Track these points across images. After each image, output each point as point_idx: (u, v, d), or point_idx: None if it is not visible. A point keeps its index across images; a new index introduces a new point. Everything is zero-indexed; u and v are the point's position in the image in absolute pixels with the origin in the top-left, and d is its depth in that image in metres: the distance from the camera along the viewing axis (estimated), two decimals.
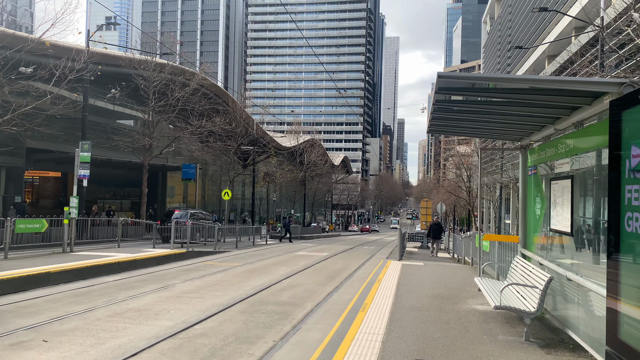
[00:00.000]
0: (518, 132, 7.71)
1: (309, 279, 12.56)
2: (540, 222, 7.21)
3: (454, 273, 13.83)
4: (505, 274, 9.96)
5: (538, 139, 7.29)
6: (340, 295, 9.98)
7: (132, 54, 28.27)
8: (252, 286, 11.02)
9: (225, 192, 28.08)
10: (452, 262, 19.44)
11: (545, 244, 7.09)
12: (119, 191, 43.38)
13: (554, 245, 6.66)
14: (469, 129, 8.30)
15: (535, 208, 7.45)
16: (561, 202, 6.12)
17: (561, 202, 6.12)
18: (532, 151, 7.74)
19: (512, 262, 8.03)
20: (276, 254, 20.25)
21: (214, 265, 15.23)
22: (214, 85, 33.48)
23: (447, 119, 7.30)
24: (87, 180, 17.65)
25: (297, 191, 62.21)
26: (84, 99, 23.27)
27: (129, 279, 11.78)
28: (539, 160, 7.27)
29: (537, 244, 7.52)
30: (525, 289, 6.46)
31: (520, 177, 8.22)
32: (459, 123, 7.50)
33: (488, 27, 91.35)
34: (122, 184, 42.11)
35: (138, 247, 18.87)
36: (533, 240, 7.76)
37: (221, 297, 9.60)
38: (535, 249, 7.53)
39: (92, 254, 14.75)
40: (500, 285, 7.54)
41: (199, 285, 10.98)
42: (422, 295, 9.36)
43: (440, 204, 36.66)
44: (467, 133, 9.88)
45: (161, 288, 10.50)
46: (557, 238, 6.47)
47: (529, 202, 7.96)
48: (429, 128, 7.95)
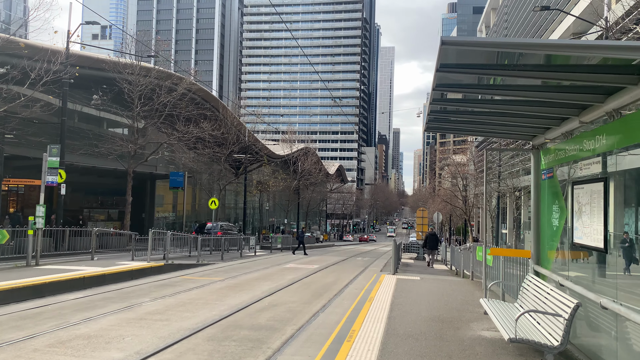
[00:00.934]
0: (531, 129, 6.63)
1: (294, 296, 11.38)
2: (559, 234, 6.10)
3: (454, 289, 12.68)
4: (514, 294, 8.82)
5: (556, 136, 6.19)
6: (327, 316, 8.81)
7: (117, 58, 27.17)
8: (228, 305, 9.83)
9: (212, 200, 26.89)
10: (450, 275, 18.28)
11: (565, 261, 5.97)
12: (106, 200, 42.13)
13: (579, 263, 5.54)
14: (471, 126, 7.20)
15: (551, 218, 6.35)
16: (589, 211, 5.01)
17: (589, 211, 5.01)
18: (546, 152, 6.66)
19: (523, 281, 6.90)
20: (263, 266, 19.03)
21: (192, 279, 14.01)
22: (202, 90, 32.40)
23: (447, 112, 6.22)
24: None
25: (291, 200, 61.06)
26: (63, 103, 22.12)
27: (92, 296, 10.56)
28: (556, 161, 6.18)
29: (554, 260, 6.40)
30: (545, 316, 5.33)
31: (532, 183, 7.12)
32: (460, 116, 6.42)
33: (484, 36, 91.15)
34: (109, 192, 40.84)
35: (115, 259, 17.63)
36: (548, 255, 6.65)
37: (190, 320, 8.41)
38: (552, 266, 6.42)
39: (59, 268, 13.50)
40: (511, 309, 6.40)
41: (169, 305, 9.78)
42: (419, 319, 8.19)
43: (437, 214, 35.61)
44: (469, 130, 8.77)
45: (125, 308, 9.30)
46: (583, 254, 5.36)
47: (542, 211, 6.86)
48: (426, 125, 6.87)
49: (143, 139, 27.09)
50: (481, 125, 6.92)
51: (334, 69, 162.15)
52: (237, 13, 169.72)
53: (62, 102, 22.12)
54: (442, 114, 6.22)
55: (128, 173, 26.73)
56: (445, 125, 7.24)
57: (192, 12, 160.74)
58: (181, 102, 27.40)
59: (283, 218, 66.19)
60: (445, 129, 7.93)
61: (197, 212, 48.45)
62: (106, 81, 26.91)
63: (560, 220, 6.03)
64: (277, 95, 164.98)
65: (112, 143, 26.49)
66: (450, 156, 79.11)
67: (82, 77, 27.05)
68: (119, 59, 26.63)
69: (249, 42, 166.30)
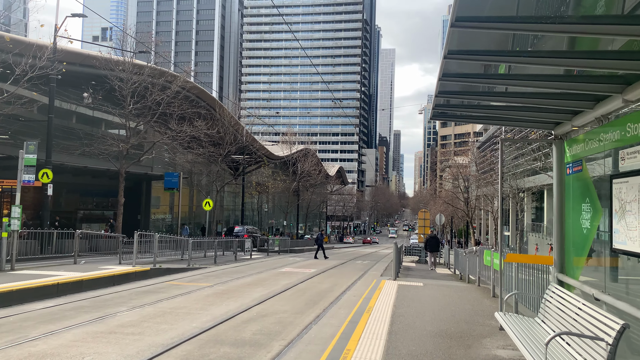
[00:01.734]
0: (554, 115, 5.68)
1: (286, 304, 10.44)
2: (590, 238, 5.17)
3: (460, 297, 11.72)
4: (528, 303, 7.86)
5: (587, 122, 5.25)
6: (320, 329, 7.87)
7: (109, 54, 26.26)
8: (212, 316, 8.90)
9: (206, 201, 25.94)
10: (454, 279, 17.31)
11: (601, 270, 5.04)
12: (101, 201, 41.32)
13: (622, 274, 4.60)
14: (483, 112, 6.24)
15: (580, 219, 5.41)
16: (636, 210, 4.08)
17: (636, 210, 4.08)
18: (573, 142, 5.72)
19: (545, 292, 5.95)
20: (257, 270, 18.08)
21: (179, 285, 13.07)
22: (197, 88, 31.48)
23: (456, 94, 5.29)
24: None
25: (291, 202, 60.10)
26: (50, 100, 21.21)
27: (64, 305, 9.63)
28: (587, 151, 5.25)
29: (583, 268, 5.46)
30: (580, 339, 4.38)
31: (555, 179, 6.18)
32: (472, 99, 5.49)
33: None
34: (104, 193, 40.01)
35: (101, 263, 16.67)
36: (575, 263, 5.71)
37: (166, 333, 7.48)
38: (582, 275, 5.47)
39: (35, 273, 12.57)
40: (532, 326, 5.46)
41: (146, 315, 8.85)
42: (424, 334, 7.23)
43: (439, 215, 34.65)
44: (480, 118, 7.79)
45: (97, 319, 8.36)
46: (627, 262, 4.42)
47: (567, 211, 5.92)
48: (433, 112, 5.93)
49: (135, 138, 26.16)
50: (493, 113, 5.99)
51: (334, 70, 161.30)
52: (237, 14, 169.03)
53: (50, 99, 21.21)
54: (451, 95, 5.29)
55: (120, 173, 25.78)
56: (454, 111, 6.29)
57: (192, 14, 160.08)
58: (175, 100, 26.50)
59: (282, 220, 65.25)
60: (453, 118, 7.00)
61: (195, 213, 47.54)
62: (97, 79, 26.03)
63: (592, 222, 5.09)
64: (277, 97, 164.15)
65: (103, 142, 25.59)
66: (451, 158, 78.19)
67: (73, 75, 26.19)
68: (111, 55, 25.73)
69: (249, 43, 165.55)
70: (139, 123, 27.03)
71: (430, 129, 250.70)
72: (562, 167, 6.07)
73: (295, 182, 55.92)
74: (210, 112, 32.85)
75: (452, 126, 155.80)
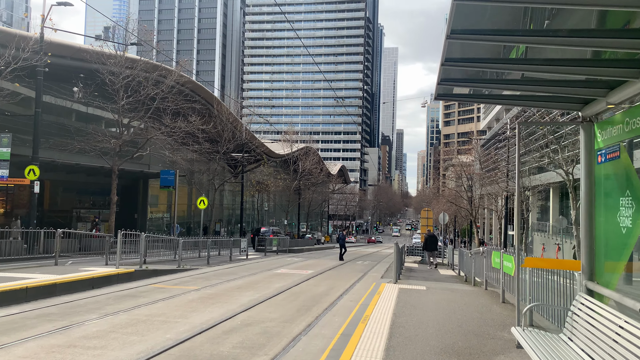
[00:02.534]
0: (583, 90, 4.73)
1: (276, 311, 9.51)
2: (633, 239, 4.22)
3: (467, 302, 10.76)
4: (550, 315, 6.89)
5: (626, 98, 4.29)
6: (310, 341, 6.94)
7: (101, 47, 25.37)
8: (191, 325, 7.98)
9: (200, 200, 25.03)
10: (458, 282, 16.36)
11: None
12: (98, 200, 40.51)
13: None
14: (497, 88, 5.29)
15: (617, 216, 4.47)
16: None
17: None
18: (607, 123, 4.77)
19: (572, 304, 4.99)
20: (250, 272, 17.15)
21: (163, 289, 12.16)
22: (191, 82, 30.56)
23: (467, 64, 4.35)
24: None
25: (291, 201, 59.13)
26: (37, 93, 20.33)
27: (28, 313, 8.72)
28: (626, 133, 4.30)
29: (620, 275, 4.51)
30: None
31: (582, 170, 5.23)
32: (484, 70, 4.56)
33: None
34: (101, 192, 39.21)
35: (86, 264, 15.79)
36: (607, 269, 4.77)
37: (133, 347, 6.56)
38: (619, 284, 4.53)
39: (8, 276, 11.66)
40: (559, 347, 4.51)
41: (117, 324, 7.93)
42: (427, 350, 6.28)
43: (443, 214, 33.69)
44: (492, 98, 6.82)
45: (59, 329, 7.45)
46: None
47: (598, 207, 4.97)
48: (437, 90, 4.99)
49: (128, 134, 25.28)
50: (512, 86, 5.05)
51: (336, 68, 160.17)
52: (239, 13, 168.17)
53: (37, 92, 20.34)
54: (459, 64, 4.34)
55: (113, 171, 24.88)
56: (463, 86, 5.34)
57: (194, 12, 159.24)
58: (169, 94, 25.61)
59: (283, 219, 64.34)
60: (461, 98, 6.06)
61: (194, 212, 46.69)
62: (89, 73, 25.18)
63: (635, 220, 4.15)
64: (279, 95, 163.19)
65: (94, 138, 24.73)
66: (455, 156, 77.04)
67: (64, 69, 25.32)
68: (102, 49, 24.84)
69: (251, 41, 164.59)
70: (132, 119, 26.16)
71: (433, 128, 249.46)
72: (591, 155, 5.13)
73: (296, 180, 54.97)
74: (207, 107, 31.97)
75: (455, 125, 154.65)
